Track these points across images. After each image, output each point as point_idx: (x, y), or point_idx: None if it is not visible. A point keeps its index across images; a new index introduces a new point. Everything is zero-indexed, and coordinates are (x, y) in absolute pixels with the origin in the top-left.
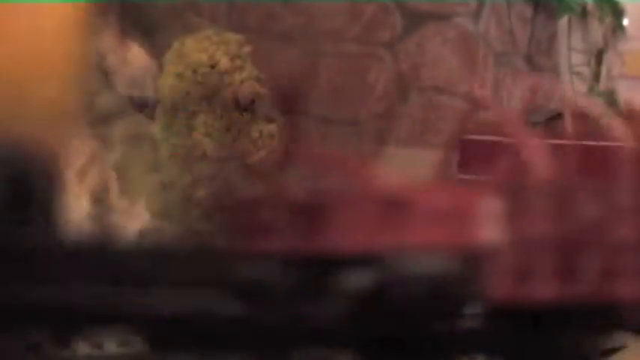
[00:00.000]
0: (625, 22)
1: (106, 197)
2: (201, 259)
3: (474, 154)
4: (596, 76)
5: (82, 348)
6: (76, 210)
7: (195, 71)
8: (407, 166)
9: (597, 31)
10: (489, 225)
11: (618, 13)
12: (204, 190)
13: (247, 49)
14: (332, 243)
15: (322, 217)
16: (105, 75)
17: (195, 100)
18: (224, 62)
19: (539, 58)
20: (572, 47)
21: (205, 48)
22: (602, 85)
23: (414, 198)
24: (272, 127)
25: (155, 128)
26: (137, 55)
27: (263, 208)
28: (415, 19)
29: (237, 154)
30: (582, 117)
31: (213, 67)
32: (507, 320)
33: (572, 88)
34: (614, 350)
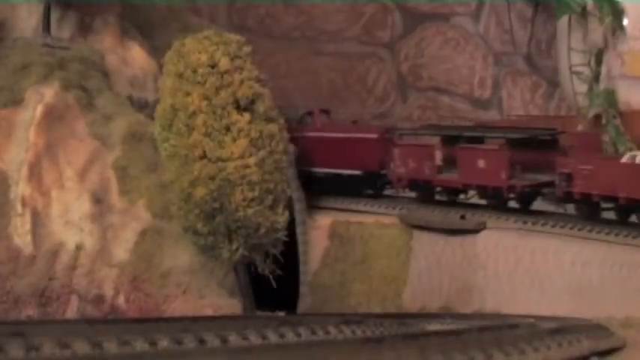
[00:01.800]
0: (625, 22)
1: (105, 197)
2: None
3: None
4: (596, 76)
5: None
6: (76, 210)
7: (195, 71)
8: None
9: (597, 31)
10: None
11: (618, 13)
12: (204, 190)
13: (247, 49)
14: None
15: None
16: (105, 75)
17: (195, 100)
18: (224, 62)
19: (539, 58)
20: (572, 47)
21: (205, 48)
22: (602, 85)
23: None
24: (272, 127)
25: (155, 128)
26: (137, 55)
27: None
28: (415, 19)
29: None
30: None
31: (213, 67)
32: None
33: (572, 88)
34: (613, 350)
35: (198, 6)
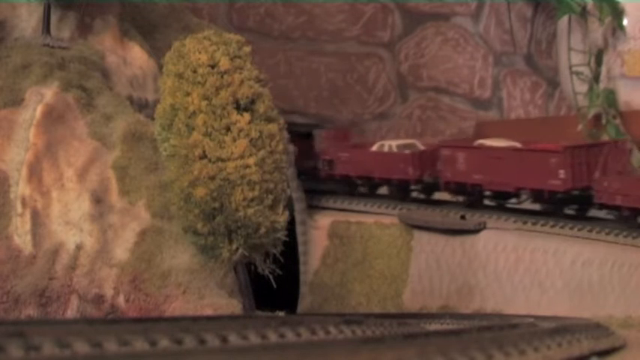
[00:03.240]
0: (625, 22)
1: (105, 197)
2: None
3: None
4: (596, 76)
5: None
6: (76, 210)
7: (195, 71)
8: None
9: (597, 31)
10: None
11: (618, 13)
12: (204, 190)
13: (247, 49)
14: None
15: None
16: (105, 75)
17: (195, 100)
18: (224, 62)
19: (539, 58)
20: (572, 47)
21: (205, 48)
22: (602, 85)
23: None
24: (272, 127)
25: (155, 128)
26: (137, 55)
27: None
28: (415, 19)
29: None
30: None
31: (213, 67)
32: None
33: (572, 88)
34: (613, 350)
35: (198, 6)
